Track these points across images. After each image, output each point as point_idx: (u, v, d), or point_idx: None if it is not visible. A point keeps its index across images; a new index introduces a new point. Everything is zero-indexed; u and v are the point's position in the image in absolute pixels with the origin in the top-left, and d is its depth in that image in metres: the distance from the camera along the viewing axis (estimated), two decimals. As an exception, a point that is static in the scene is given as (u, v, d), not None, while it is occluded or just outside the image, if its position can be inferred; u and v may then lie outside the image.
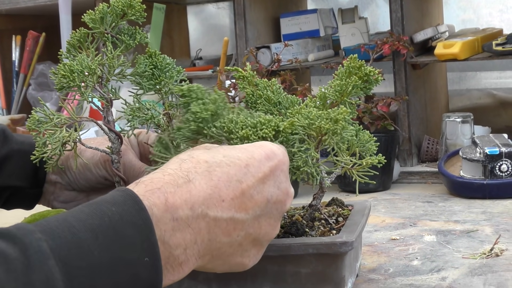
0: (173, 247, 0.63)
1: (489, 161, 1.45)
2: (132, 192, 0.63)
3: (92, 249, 0.57)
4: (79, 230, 0.58)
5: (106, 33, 0.90)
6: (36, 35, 2.35)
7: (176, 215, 0.64)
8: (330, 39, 2.09)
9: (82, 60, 0.86)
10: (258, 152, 0.72)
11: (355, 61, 0.90)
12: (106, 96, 0.89)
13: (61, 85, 0.86)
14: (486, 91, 2.19)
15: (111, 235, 0.59)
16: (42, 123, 0.88)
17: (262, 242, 0.72)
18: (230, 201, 0.68)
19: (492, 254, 1.01)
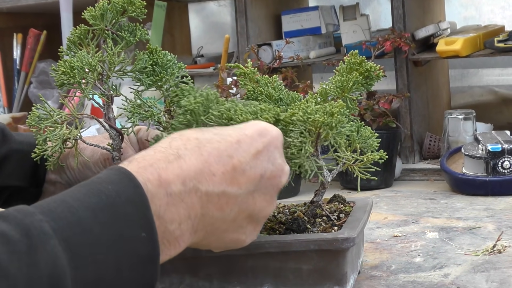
0: (168, 221, 0.64)
1: (491, 158, 1.44)
2: (126, 170, 0.64)
3: (92, 227, 0.58)
4: (78, 209, 0.58)
5: (107, 30, 0.90)
6: (37, 33, 2.35)
7: (170, 190, 0.64)
8: (331, 36, 2.08)
9: (83, 56, 0.86)
10: (251, 129, 0.72)
11: (356, 57, 0.89)
12: (107, 93, 0.89)
13: (61, 82, 0.86)
14: (488, 88, 2.18)
15: (109, 212, 0.60)
16: (42, 120, 0.88)
17: (258, 219, 0.72)
18: (221, 175, 0.68)
19: (494, 251, 1.00)
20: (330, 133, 0.81)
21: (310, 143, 0.82)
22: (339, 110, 0.80)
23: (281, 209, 0.93)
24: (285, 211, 0.92)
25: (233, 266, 0.81)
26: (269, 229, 0.86)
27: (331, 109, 0.80)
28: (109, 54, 0.87)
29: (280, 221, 0.88)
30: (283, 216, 0.89)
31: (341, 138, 0.84)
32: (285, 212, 0.92)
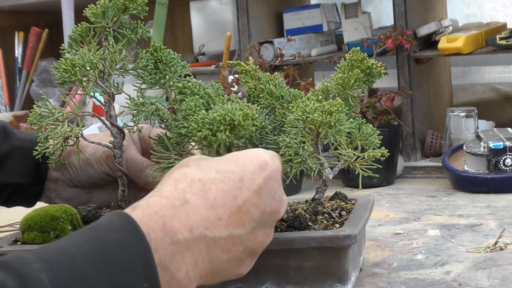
0: (174, 271, 0.63)
1: (493, 155, 1.44)
2: (131, 217, 0.62)
3: (91, 276, 0.57)
4: (77, 257, 0.57)
5: (108, 28, 0.90)
6: (39, 31, 2.35)
7: (175, 238, 0.63)
8: (333, 34, 2.08)
9: (84, 54, 0.86)
10: (251, 164, 0.71)
11: (358, 54, 0.89)
12: (108, 90, 0.89)
13: (62, 80, 0.86)
14: (490, 86, 2.18)
15: (110, 262, 0.58)
16: (44, 118, 0.88)
17: (257, 251, 0.72)
18: (228, 218, 0.67)
19: (496, 248, 1.00)
20: (329, 131, 0.81)
21: (310, 141, 0.82)
22: (338, 108, 0.80)
23: (282, 207, 0.93)
24: (287, 208, 0.92)
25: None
26: (271, 226, 0.86)
27: (329, 108, 0.80)
28: (111, 52, 0.87)
29: (281, 218, 0.88)
30: (284, 214, 0.89)
31: (340, 136, 0.84)
32: (286, 209, 0.91)
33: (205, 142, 0.78)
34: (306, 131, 0.82)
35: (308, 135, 0.82)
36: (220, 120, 0.77)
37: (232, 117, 0.77)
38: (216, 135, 0.77)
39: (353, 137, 0.87)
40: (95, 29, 0.90)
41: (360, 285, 0.88)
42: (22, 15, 2.46)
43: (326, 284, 0.80)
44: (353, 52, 0.89)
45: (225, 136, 0.76)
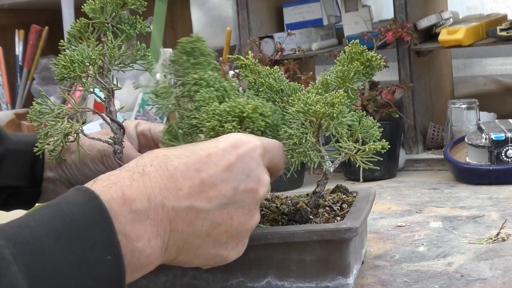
0: (135, 239, 0.63)
1: (495, 147, 1.44)
2: (92, 192, 0.63)
3: (55, 252, 0.58)
4: (41, 234, 0.58)
5: (107, 23, 0.90)
6: (39, 29, 2.35)
7: (134, 207, 0.64)
8: (333, 27, 2.08)
9: (83, 50, 0.86)
10: (224, 142, 0.71)
11: (357, 46, 0.89)
12: (108, 86, 0.88)
13: (62, 76, 0.86)
14: (491, 78, 2.18)
15: (73, 236, 0.59)
16: (43, 114, 0.87)
17: (238, 233, 0.71)
18: (188, 189, 0.67)
19: (498, 239, 1.00)
20: (332, 123, 0.81)
21: (312, 133, 0.82)
22: (340, 100, 0.80)
23: (283, 200, 0.93)
24: (288, 202, 0.92)
25: (236, 258, 0.81)
26: (272, 220, 0.86)
27: (332, 99, 0.79)
28: (109, 48, 0.87)
29: (282, 212, 0.88)
30: (285, 207, 0.89)
31: (342, 128, 0.84)
32: (287, 203, 0.91)
33: (212, 133, 0.78)
34: (307, 123, 0.82)
35: (309, 127, 0.82)
36: (229, 112, 0.78)
37: (241, 109, 0.78)
38: (224, 126, 0.77)
39: (353, 129, 0.87)
40: (94, 25, 0.90)
41: (362, 278, 0.88)
42: (22, 13, 2.46)
43: (328, 277, 0.80)
44: (352, 45, 0.89)
45: (231, 126, 0.77)
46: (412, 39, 1.69)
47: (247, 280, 0.82)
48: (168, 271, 0.83)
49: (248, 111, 0.78)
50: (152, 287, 0.84)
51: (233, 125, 0.77)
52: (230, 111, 0.78)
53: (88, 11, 0.89)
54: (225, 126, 0.77)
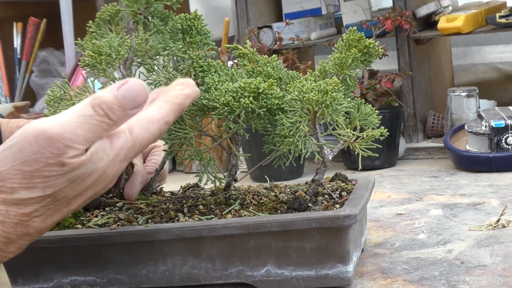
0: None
1: (495, 134, 1.43)
2: None
3: None
4: None
5: (139, 13, 0.88)
6: (37, 21, 2.34)
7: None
8: (332, 17, 2.07)
9: (112, 42, 0.84)
10: None
11: (355, 33, 0.88)
12: None
13: (86, 63, 0.84)
14: (491, 65, 2.17)
15: None
16: (62, 101, 0.86)
17: None
18: None
19: (498, 226, 1.00)
20: (326, 111, 0.81)
21: (307, 122, 0.81)
22: (333, 87, 0.79)
23: (282, 189, 0.93)
24: (287, 191, 0.92)
25: (235, 247, 0.81)
26: (271, 209, 0.85)
27: (325, 87, 0.79)
28: (138, 42, 0.85)
29: (281, 200, 0.87)
30: (284, 196, 0.89)
31: (338, 115, 0.83)
32: (286, 191, 0.91)
33: (227, 108, 0.79)
34: (304, 111, 0.82)
35: (305, 115, 0.81)
36: (245, 87, 0.79)
37: (257, 85, 0.79)
38: (240, 101, 0.78)
39: (352, 117, 0.87)
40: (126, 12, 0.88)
41: (363, 266, 0.88)
42: (20, 6, 2.45)
43: (328, 265, 0.80)
44: (350, 32, 0.89)
45: (248, 101, 0.78)
46: (411, 27, 1.69)
47: (247, 269, 0.81)
48: (168, 260, 0.83)
49: (264, 86, 0.79)
50: (152, 276, 0.84)
51: (250, 100, 0.78)
52: (245, 87, 0.79)
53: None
54: (241, 101, 0.78)
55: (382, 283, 0.82)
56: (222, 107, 0.80)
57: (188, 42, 0.87)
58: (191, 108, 0.86)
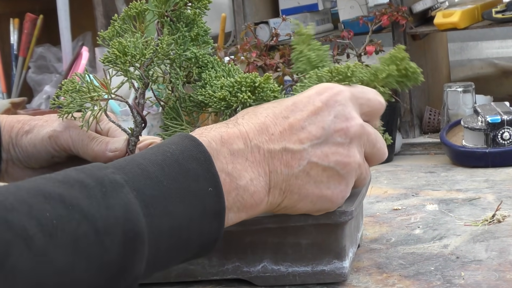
0: (237, 177, 0.68)
1: (491, 130, 1.44)
2: (187, 134, 0.68)
3: (162, 180, 0.61)
4: (146, 165, 0.62)
5: (166, 16, 0.87)
6: (34, 17, 2.34)
7: (232, 149, 0.68)
8: (329, 13, 2.07)
9: (138, 43, 0.83)
10: (308, 91, 0.75)
11: (401, 52, 0.87)
12: (146, 80, 0.86)
13: (108, 59, 0.83)
14: (487, 61, 2.18)
15: (176, 168, 0.63)
16: (79, 93, 0.85)
17: (338, 172, 0.73)
18: (279, 134, 0.71)
19: (494, 221, 1.01)
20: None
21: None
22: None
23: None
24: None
25: (231, 243, 0.81)
26: (267, 204, 0.86)
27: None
28: (162, 47, 0.84)
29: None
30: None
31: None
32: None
33: (223, 102, 0.80)
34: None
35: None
36: (241, 82, 0.80)
37: (253, 79, 0.80)
38: (237, 96, 0.79)
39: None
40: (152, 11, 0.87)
41: (359, 261, 0.88)
42: (16, 2, 2.45)
43: (324, 261, 0.80)
44: (397, 49, 0.87)
45: (246, 96, 0.79)
46: (407, 23, 1.69)
47: (243, 265, 0.82)
48: (164, 257, 0.83)
49: (260, 80, 0.80)
50: (149, 273, 0.84)
51: (248, 94, 0.79)
52: (241, 82, 0.80)
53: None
54: (239, 96, 0.79)
55: (378, 278, 0.82)
56: (219, 102, 0.80)
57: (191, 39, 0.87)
58: (188, 104, 0.86)
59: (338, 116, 0.73)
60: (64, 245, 0.53)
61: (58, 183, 0.56)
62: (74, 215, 0.54)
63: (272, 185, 0.70)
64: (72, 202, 0.55)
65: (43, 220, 0.52)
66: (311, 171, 0.72)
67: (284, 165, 0.71)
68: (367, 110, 0.78)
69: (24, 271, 0.50)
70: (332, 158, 0.73)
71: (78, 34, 2.38)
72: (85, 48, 2.01)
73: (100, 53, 2.06)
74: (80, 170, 0.59)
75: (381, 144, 0.79)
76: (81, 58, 1.96)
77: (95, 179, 0.58)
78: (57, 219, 0.53)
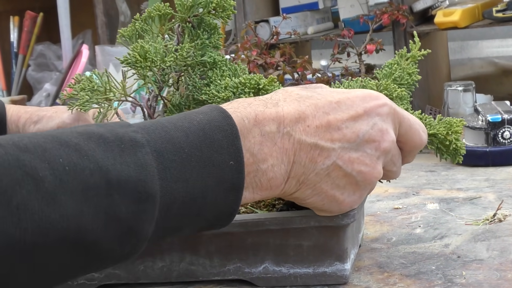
0: (260, 160, 0.67)
1: (491, 129, 1.44)
2: (218, 106, 0.68)
3: (184, 146, 0.61)
4: (171, 129, 0.62)
5: (188, 21, 0.87)
6: (34, 15, 2.34)
7: (264, 130, 0.68)
8: (329, 11, 2.07)
9: (159, 49, 0.83)
10: (355, 93, 0.74)
11: None
12: (161, 84, 0.86)
13: (127, 61, 0.83)
14: (488, 60, 2.18)
15: (200, 136, 0.63)
16: (95, 92, 0.85)
17: (357, 181, 0.73)
18: (315, 128, 0.70)
19: (495, 220, 1.01)
20: None
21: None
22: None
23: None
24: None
25: (233, 244, 0.81)
26: (269, 205, 0.86)
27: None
28: (181, 54, 0.83)
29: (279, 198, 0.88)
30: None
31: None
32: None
33: None
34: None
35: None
36: (245, 83, 0.80)
37: (257, 81, 0.80)
38: (240, 97, 0.79)
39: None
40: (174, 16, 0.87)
41: (359, 260, 0.88)
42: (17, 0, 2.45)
43: (325, 263, 0.80)
44: None
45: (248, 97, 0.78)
46: (408, 22, 1.69)
47: (245, 266, 0.82)
48: (165, 256, 0.83)
49: (264, 82, 0.80)
50: (149, 272, 0.84)
51: (250, 96, 0.79)
52: (245, 83, 0.80)
53: (178, 3, 0.86)
54: (241, 97, 0.79)
55: (379, 278, 0.82)
56: (222, 102, 0.80)
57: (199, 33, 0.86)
58: (191, 102, 0.86)
59: (374, 128, 0.73)
60: (73, 192, 0.53)
61: (76, 134, 0.56)
62: (88, 165, 0.54)
63: (291, 175, 0.70)
64: (87, 152, 0.55)
65: (55, 165, 0.52)
66: (333, 173, 0.72)
67: (310, 159, 0.70)
68: (404, 136, 0.77)
69: (30, 210, 0.50)
70: (357, 167, 0.72)
71: (78, 32, 2.38)
72: (85, 46, 2.00)
73: (100, 51, 2.06)
74: (102, 125, 0.59)
75: (398, 166, 0.80)
76: (81, 56, 1.96)
77: (115, 135, 0.58)
78: (70, 166, 0.53)
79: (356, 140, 0.72)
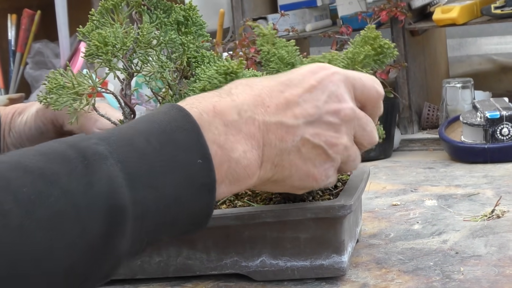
0: (229, 149, 0.66)
1: (489, 125, 1.44)
2: (176, 104, 0.66)
3: (147, 152, 0.59)
4: (131, 136, 0.60)
5: (143, 5, 0.87)
6: (32, 13, 2.33)
7: (226, 120, 0.66)
8: (327, 8, 2.07)
9: (118, 32, 0.83)
10: (303, 69, 0.74)
11: (372, 31, 0.87)
12: (130, 70, 0.86)
13: (90, 52, 0.83)
14: (486, 57, 2.17)
15: (162, 138, 0.61)
16: (64, 89, 0.85)
17: (326, 151, 0.72)
18: (275, 107, 0.70)
19: (493, 216, 1.00)
20: None
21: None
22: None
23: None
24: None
25: (230, 237, 0.81)
26: (266, 199, 0.85)
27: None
28: (142, 34, 0.84)
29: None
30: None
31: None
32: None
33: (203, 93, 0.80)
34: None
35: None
36: (217, 71, 0.80)
37: (227, 66, 0.79)
38: (211, 82, 0.79)
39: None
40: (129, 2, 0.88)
41: (357, 256, 0.88)
42: (14, -3, 2.45)
43: (323, 255, 0.80)
44: (368, 29, 0.88)
45: (217, 81, 0.79)
46: (406, 19, 1.68)
47: (242, 259, 0.81)
48: (162, 251, 0.83)
49: (233, 66, 0.79)
50: (146, 267, 0.84)
51: (219, 79, 0.79)
52: (217, 70, 0.80)
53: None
54: (212, 82, 0.79)
55: (377, 273, 0.82)
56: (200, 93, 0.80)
57: (184, 32, 0.86)
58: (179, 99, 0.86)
59: (331, 97, 0.73)
60: (41, 221, 0.51)
61: (39, 156, 0.55)
62: (53, 191, 0.53)
63: (264, 158, 0.69)
64: (51, 177, 0.53)
65: (20, 195, 0.51)
66: (303, 148, 0.71)
67: (279, 139, 0.69)
68: (361, 96, 0.76)
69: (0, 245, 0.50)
70: (322, 137, 0.72)
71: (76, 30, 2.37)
72: (83, 43, 2.00)
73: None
74: (63, 141, 0.58)
75: (371, 128, 0.77)
76: (79, 53, 1.95)
77: (77, 150, 0.56)
78: (35, 195, 0.52)
79: (316, 112, 0.71)
